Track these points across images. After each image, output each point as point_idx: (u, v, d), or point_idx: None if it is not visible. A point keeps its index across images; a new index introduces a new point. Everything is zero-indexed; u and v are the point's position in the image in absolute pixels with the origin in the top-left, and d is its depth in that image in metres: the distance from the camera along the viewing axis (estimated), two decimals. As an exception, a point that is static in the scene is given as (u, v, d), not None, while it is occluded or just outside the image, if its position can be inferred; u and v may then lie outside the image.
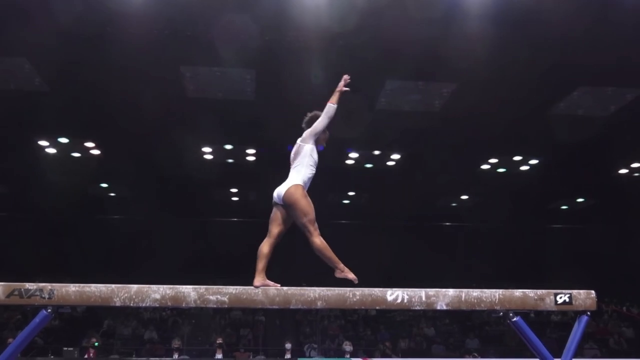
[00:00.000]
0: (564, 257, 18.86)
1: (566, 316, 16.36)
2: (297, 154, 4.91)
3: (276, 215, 4.76)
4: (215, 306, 4.30)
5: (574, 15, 9.14)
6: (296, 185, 4.71)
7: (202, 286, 4.26)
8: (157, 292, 4.21)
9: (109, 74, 10.78)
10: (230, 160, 15.66)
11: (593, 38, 9.76)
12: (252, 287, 4.29)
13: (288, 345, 13.35)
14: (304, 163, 4.84)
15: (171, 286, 4.25)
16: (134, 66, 10.48)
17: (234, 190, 18.67)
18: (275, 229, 4.71)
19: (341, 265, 4.54)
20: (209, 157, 15.28)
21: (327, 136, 5.11)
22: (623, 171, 16.55)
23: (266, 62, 10.67)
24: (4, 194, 17.78)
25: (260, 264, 4.55)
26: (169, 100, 11.96)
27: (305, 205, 4.63)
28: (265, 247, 4.64)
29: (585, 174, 16.16)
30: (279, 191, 4.74)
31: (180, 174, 15.66)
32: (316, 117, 5.03)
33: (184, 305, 4.27)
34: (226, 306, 4.33)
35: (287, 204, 4.68)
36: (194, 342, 16.17)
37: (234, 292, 4.24)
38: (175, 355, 12.93)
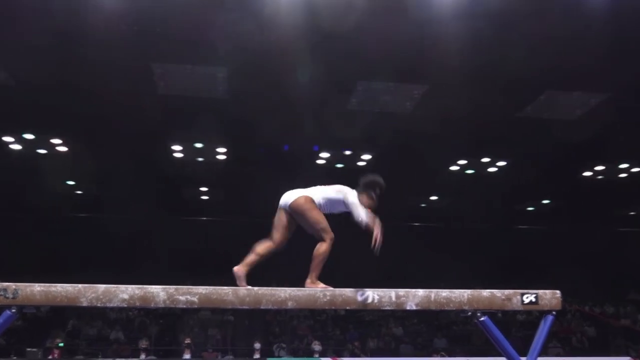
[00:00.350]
0: (529, 257, 19.21)
1: (531, 315, 16.67)
2: (332, 199, 4.86)
3: (280, 220, 4.74)
4: (185, 306, 4.25)
5: (541, 21, 9.34)
6: (306, 197, 4.72)
7: (171, 286, 4.21)
8: (125, 292, 4.15)
9: (78, 69, 10.60)
10: (200, 159, 15.53)
11: (560, 43, 9.98)
12: (222, 287, 4.25)
13: (257, 345, 13.34)
14: (329, 194, 4.85)
15: (140, 286, 4.19)
16: (103, 61, 10.32)
17: (203, 189, 18.52)
18: (276, 234, 4.72)
19: (315, 277, 4.55)
20: (178, 155, 15.13)
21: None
22: (587, 173, 16.95)
23: (239, 60, 10.62)
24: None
25: (249, 257, 4.58)
26: (140, 97, 11.81)
27: (316, 215, 4.64)
28: (261, 246, 4.67)
29: (551, 176, 16.49)
30: (287, 198, 4.77)
31: (151, 172, 15.47)
32: (371, 187, 4.95)
33: (152, 305, 4.21)
34: (196, 306, 4.30)
35: (295, 213, 4.70)
36: (161, 342, 16.00)
37: (203, 292, 4.20)
38: (143, 356, 12.80)
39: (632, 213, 21.44)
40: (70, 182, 17.78)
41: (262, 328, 17.22)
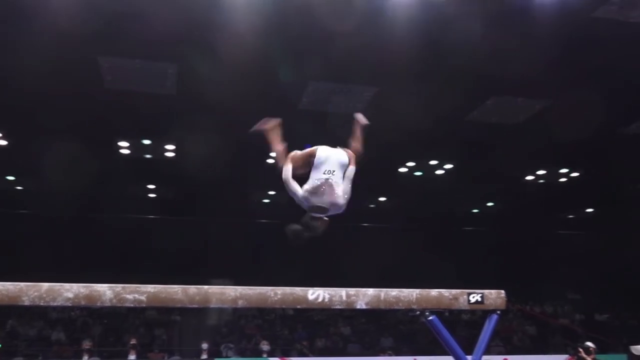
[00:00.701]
0: (473, 258, 19.68)
1: (475, 315, 17.09)
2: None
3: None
4: (132, 305, 4.16)
5: (488, 28, 9.61)
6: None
7: (118, 284, 4.11)
8: (69, 291, 4.02)
9: (22, 60, 10.23)
10: (148, 156, 15.23)
11: (507, 50, 10.29)
12: (171, 286, 4.18)
13: (204, 345, 13.14)
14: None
15: (85, 285, 4.07)
16: (48, 53, 9.98)
17: (151, 186, 18.18)
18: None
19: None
20: (125, 152, 14.79)
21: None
22: (529, 177, 17.52)
23: (189, 57, 10.48)
24: None
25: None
26: (85, 91, 11.48)
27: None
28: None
29: (495, 180, 16.95)
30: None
31: (95, 168, 15.06)
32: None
33: (99, 304, 4.11)
34: (144, 305, 4.21)
35: None
36: (105, 343, 15.59)
37: (152, 290, 4.12)
38: (86, 357, 12.41)
39: (570, 216, 22.31)
40: (10, 177, 17.13)
41: (210, 328, 17.03)
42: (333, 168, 4.40)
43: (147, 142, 14.45)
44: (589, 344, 9.68)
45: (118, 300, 4.07)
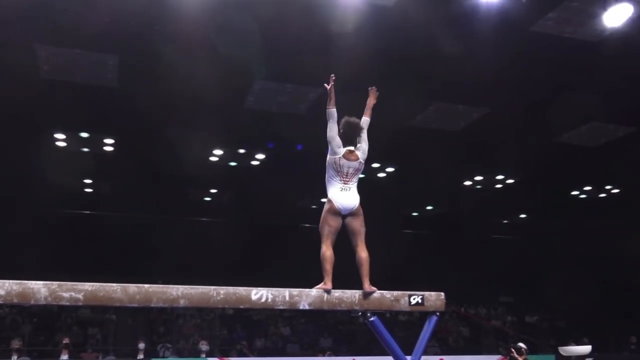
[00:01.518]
0: (413, 261, 20.05)
1: (412, 316, 17.42)
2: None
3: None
4: (68, 304, 4.02)
5: (433, 35, 9.83)
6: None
7: (54, 282, 3.96)
8: (1, 288, 3.85)
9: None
10: (85, 150, 14.75)
11: (450, 58, 10.54)
12: (110, 284, 4.06)
13: (141, 345, 12.85)
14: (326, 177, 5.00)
15: (18, 281, 3.90)
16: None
17: (87, 181, 17.60)
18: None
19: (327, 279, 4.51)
20: (61, 144, 14.27)
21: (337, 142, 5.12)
22: (467, 182, 18.01)
23: (131, 49, 10.23)
24: None
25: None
26: (19, 80, 11.00)
27: (322, 218, 4.71)
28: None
29: (434, 184, 17.33)
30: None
31: (29, 162, 14.47)
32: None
33: (32, 302, 3.94)
34: (80, 304, 4.07)
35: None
36: (36, 342, 15.00)
37: (90, 289, 3.99)
38: (15, 357, 11.94)
39: (505, 221, 23.07)
40: None
41: (146, 327, 16.66)
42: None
43: (85, 135, 13.99)
44: (521, 344, 10.03)
45: (53, 298, 3.92)
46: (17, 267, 12.88)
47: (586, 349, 13.76)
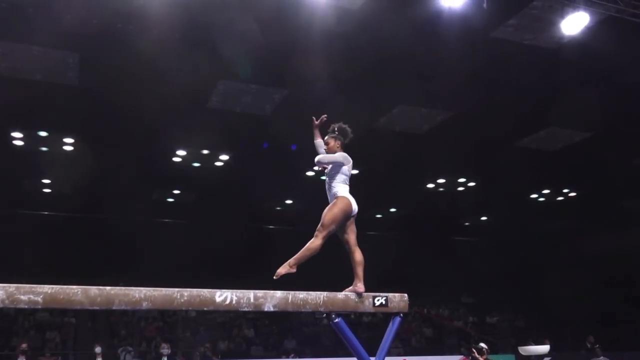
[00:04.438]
0: (377, 263, 20.16)
1: (375, 317, 17.53)
2: (330, 172, 5.33)
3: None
4: (27, 307, 3.91)
5: (397, 37, 9.93)
6: (344, 197, 5.08)
7: (11, 284, 3.85)
8: (-45, 291, 3.72)
9: None
10: (44, 149, 14.40)
11: (413, 60, 10.69)
12: (70, 287, 3.97)
13: (98, 349, 12.46)
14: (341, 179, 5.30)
15: (-26, 284, 3.79)
16: None
17: (46, 181, 17.19)
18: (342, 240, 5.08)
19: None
20: (19, 143, 13.91)
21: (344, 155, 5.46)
22: (430, 185, 18.24)
23: (93, 47, 10.05)
24: None
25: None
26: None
27: (335, 213, 4.93)
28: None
29: (398, 186, 17.50)
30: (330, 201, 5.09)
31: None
32: (346, 131, 5.53)
33: (-12, 305, 3.83)
34: (40, 307, 3.97)
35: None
36: (-9, 347, 14.59)
37: (49, 291, 3.89)
38: (-33, 363, 11.51)
39: (466, 223, 23.46)
40: None
41: (107, 330, 16.35)
42: None
43: (43, 134, 13.66)
44: (482, 344, 10.20)
45: (11, 301, 3.81)
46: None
47: (544, 348, 14.10)
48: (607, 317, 18.49)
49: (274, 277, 4.57)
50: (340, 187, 5.15)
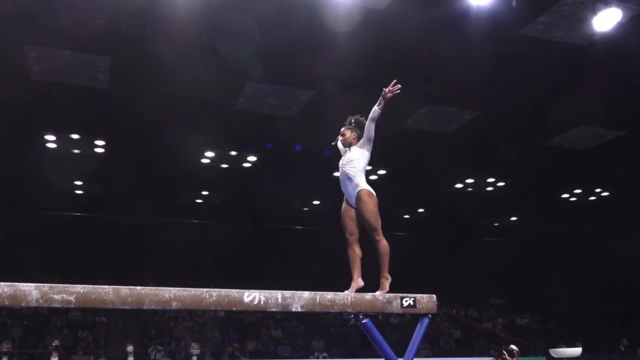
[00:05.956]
0: (405, 264, 20.05)
1: (404, 318, 17.43)
2: (351, 160, 5.22)
3: (349, 215, 5.00)
4: (60, 306, 3.98)
5: (425, 37, 9.87)
6: (370, 192, 5.04)
7: (45, 284, 3.92)
8: (-8, 291, 3.81)
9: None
10: (76, 151, 14.67)
11: (442, 60, 10.60)
12: (102, 286, 4.03)
13: (129, 348, 12.69)
14: (361, 167, 5.20)
15: (9, 283, 3.87)
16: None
17: (78, 183, 17.50)
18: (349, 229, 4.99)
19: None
20: (52, 145, 14.19)
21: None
22: (459, 185, 18.06)
23: (123, 50, 10.20)
24: None
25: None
26: (9, 81, 10.93)
27: (375, 211, 4.92)
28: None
29: (425, 187, 17.36)
30: (350, 193, 5.01)
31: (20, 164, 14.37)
32: (363, 123, 5.26)
33: (24, 304, 3.90)
34: (72, 306, 4.04)
35: (360, 207, 4.95)
36: (26, 345, 14.88)
37: (82, 291, 3.96)
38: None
39: (496, 224, 23.16)
40: None
41: (138, 330, 16.57)
42: None
43: (75, 137, 13.93)
44: (513, 347, 10.06)
45: (45, 300, 3.88)
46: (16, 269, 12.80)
47: (576, 350, 13.86)
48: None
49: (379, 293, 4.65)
50: (362, 179, 5.14)
